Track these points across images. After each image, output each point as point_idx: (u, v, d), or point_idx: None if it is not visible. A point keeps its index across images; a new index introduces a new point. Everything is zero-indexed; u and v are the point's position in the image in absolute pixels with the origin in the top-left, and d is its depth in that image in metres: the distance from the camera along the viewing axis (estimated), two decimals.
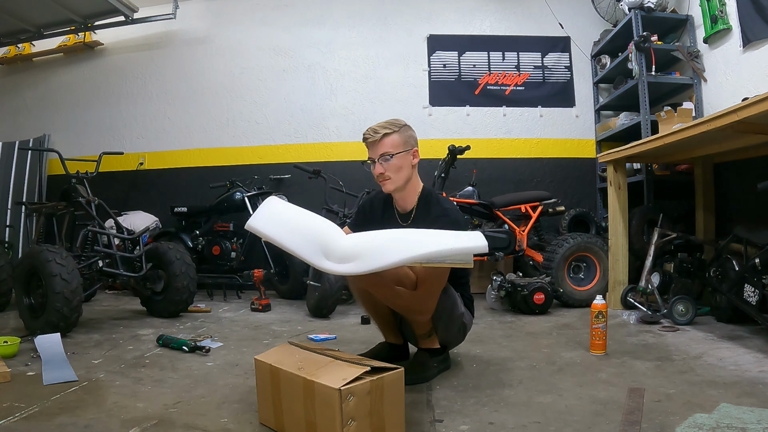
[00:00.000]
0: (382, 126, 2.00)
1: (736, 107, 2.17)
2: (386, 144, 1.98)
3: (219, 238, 4.51)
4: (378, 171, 2.00)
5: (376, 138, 1.98)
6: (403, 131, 2.02)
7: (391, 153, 1.98)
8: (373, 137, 1.98)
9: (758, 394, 1.75)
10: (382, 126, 2.00)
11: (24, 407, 1.70)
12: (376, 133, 1.98)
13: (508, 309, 3.57)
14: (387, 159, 1.98)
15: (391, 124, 2.01)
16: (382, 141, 1.97)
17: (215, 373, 2.14)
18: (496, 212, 3.82)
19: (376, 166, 2.00)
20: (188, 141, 5.15)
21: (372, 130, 2.00)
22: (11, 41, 5.13)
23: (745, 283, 2.68)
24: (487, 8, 5.07)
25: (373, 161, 2.01)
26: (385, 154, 1.98)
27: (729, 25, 3.53)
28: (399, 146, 1.99)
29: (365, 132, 2.01)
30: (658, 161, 3.95)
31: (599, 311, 2.32)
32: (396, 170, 1.99)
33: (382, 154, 1.98)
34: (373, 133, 1.99)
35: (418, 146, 2.07)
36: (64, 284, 2.64)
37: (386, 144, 1.98)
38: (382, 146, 1.98)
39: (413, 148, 2.04)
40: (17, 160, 5.18)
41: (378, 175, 2.01)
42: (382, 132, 1.98)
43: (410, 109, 4.94)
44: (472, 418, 1.61)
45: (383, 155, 1.98)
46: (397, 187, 2.03)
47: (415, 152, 2.04)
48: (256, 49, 5.13)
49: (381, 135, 1.97)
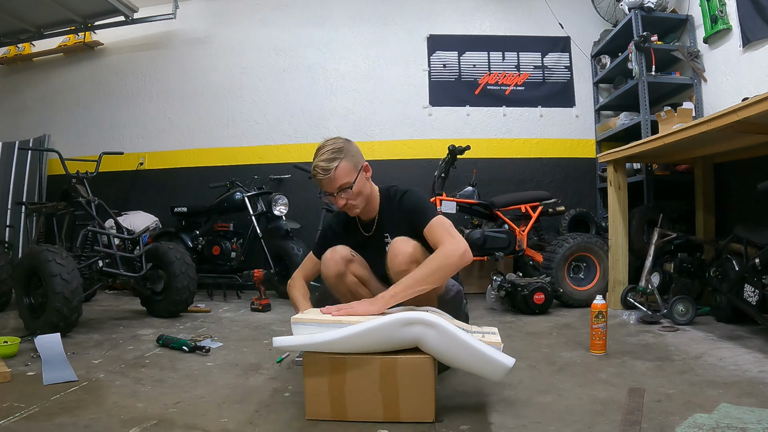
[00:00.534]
0: (327, 159, 1.86)
1: (736, 107, 2.17)
2: (340, 177, 1.86)
3: (219, 238, 4.51)
4: (341, 204, 1.91)
5: (329, 176, 1.86)
6: (347, 154, 1.89)
7: (349, 183, 1.88)
8: (325, 176, 1.86)
9: (758, 394, 1.75)
10: (327, 159, 1.86)
11: (24, 407, 1.70)
12: (327, 172, 1.85)
13: (508, 309, 3.57)
14: (347, 190, 1.88)
15: (334, 153, 1.87)
16: (335, 176, 1.86)
17: (215, 373, 2.14)
18: (496, 212, 3.82)
19: (338, 200, 1.90)
20: (188, 141, 5.15)
21: (321, 169, 1.86)
22: (11, 41, 5.14)
23: (745, 283, 2.68)
24: (487, 8, 5.07)
25: (331, 194, 1.91)
26: (342, 186, 1.87)
27: (729, 25, 3.53)
28: (352, 172, 1.89)
29: (313, 171, 1.89)
30: (658, 161, 3.95)
31: (599, 311, 2.32)
32: (357, 196, 1.91)
33: (339, 186, 1.87)
34: (323, 172, 1.86)
35: (363, 158, 1.98)
36: (64, 284, 2.64)
37: (340, 177, 1.86)
38: (336, 180, 1.87)
39: (363, 164, 1.94)
40: (17, 160, 5.18)
41: (342, 206, 1.93)
42: (332, 167, 1.85)
43: (410, 109, 4.94)
44: (472, 418, 1.61)
45: (341, 187, 1.88)
46: (362, 208, 1.96)
47: (365, 167, 1.96)
48: (256, 49, 5.13)
49: (332, 170, 1.85)
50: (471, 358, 1.56)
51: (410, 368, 1.54)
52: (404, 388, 1.53)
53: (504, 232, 3.73)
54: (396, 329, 1.53)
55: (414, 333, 1.53)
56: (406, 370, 1.54)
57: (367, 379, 1.54)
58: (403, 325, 1.52)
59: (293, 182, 4.78)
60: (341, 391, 1.55)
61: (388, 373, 1.54)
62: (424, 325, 1.52)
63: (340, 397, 1.55)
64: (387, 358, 1.54)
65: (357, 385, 1.54)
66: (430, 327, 1.52)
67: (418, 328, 1.52)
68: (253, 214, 4.32)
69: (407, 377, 1.54)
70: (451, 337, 1.53)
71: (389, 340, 1.54)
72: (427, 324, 1.52)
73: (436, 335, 1.52)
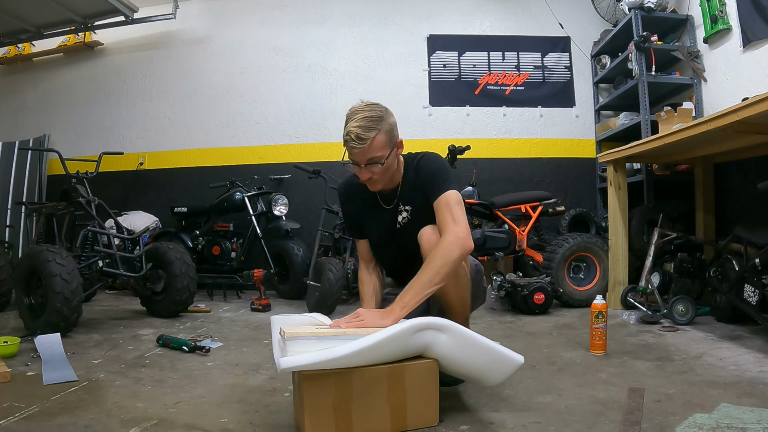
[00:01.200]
0: (364, 127, 1.67)
1: (736, 107, 2.17)
2: (374, 149, 1.69)
3: (219, 238, 4.51)
4: (365, 177, 1.75)
5: (363, 146, 1.68)
6: (385, 125, 1.72)
7: (382, 157, 1.72)
8: (360, 145, 1.68)
9: (758, 394, 1.75)
10: (364, 127, 1.67)
11: (24, 407, 1.70)
12: (363, 141, 1.67)
13: (508, 309, 3.57)
14: (377, 164, 1.72)
15: (373, 121, 1.69)
16: (370, 147, 1.69)
17: (215, 373, 2.14)
18: (496, 212, 3.82)
19: (363, 172, 1.74)
20: (188, 141, 5.15)
21: (356, 136, 1.67)
22: (11, 41, 5.13)
23: (745, 283, 2.68)
24: (487, 8, 5.07)
25: (357, 164, 1.74)
26: (374, 159, 1.71)
27: (729, 25, 3.53)
28: (386, 147, 1.72)
29: (347, 137, 1.69)
30: (658, 161, 3.95)
31: (599, 311, 2.32)
32: (385, 171, 1.76)
33: (370, 159, 1.71)
34: (358, 141, 1.67)
35: (398, 132, 1.81)
36: (64, 284, 2.64)
37: (374, 149, 1.69)
38: (369, 152, 1.70)
39: (398, 140, 1.79)
40: (17, 160, 5.18)
41: (365, 180, 1.77)
42: (369, 137, 1.67)
43: (410, 109, 4.94)
44: (472, 418, 1.61)
45: (372, 161, 1.71)
46: (384, 185, 1.82)
47: (400, 143, 1.80)
48: (256, 49, 5.13)
49: (368, 141, 1.68)
50: (483, 358, 1.55)
51: (418, 373, 1.52)
52: (412, 394, 1.51)
53: (504, 232, 3.73)
54: (409, 337, 1.49)
55: (424, 339, 1.50)
56: (414, 376, 1.51)
57: (374, 391, 1.49)
58: (416, 332, 1.49)
59: (293, 182, 4.78)
60: (347, 409, 1.46)
61: (397, 382, 1.50)
62: (436, 329, 1.50)
63: (346, 415, 1.46)
64: (395, 366, 1.50)
65: (364, 399, 1.47)
66: (441, 332, 1.50)
67: (429, 333, 1.50)
68: (253, 214, 4.32)
69: (415, 383, 1.51)
70: (463, 338, 1.51)
71: (401, 349, 1.50)
72: (438, 328, 1.50)
73: (447, 339, 1.50)
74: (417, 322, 1.49)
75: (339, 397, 1.45)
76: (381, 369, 1.49)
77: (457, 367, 1.60)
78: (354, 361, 1.46)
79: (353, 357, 1.44)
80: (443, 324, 1.51)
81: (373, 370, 1.48)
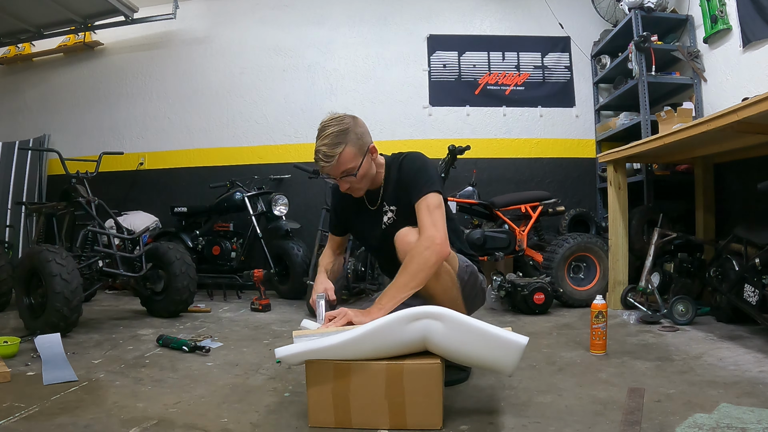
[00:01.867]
0: (329, 144, 1.71)
1: (736, 107, 2.17)
2: (343, 162, 1.73)
3: (219, 238, 4.51)
4: (345, 188, 1.81)
5: (331, 163, 1.72)
6: (352, 136, 1.74)
7: (354, 168, 1.75)
8: (328, 163, 1.72)
9: (758, 394, 1.75)
10: (329, 144, 1.71)
11: (24, 407, 1.70)
12: (329, 159, 1.71)
13: (508, 309, 3.57)
14: (350, 175, 1.76)
15: (338, 137, 1.71)
16: (339, 161, 1.72)
17: (215, 373, 2.14)
18: (496, 212, 3.82)
19: (341, 183, 1.79)
20: (188, 141, 5.15)
21: (323, 155, 1.71)
22: (11, 41, 5.13)
23: (745, 283, 2.68)
24: (487, 8, 5.07)
25: (333, 178, 1.79)
26: (347, 171, 1.75)
27: (729, 25, 3.53)
28: (357, 157, 1.75)
29: (316, 157, 1.74)
30: (658, 161, 3.95)
31: (599, 311, 2.32)
32: (362, 179, 1.80)
33: (342, 172, 1.75)
34: (326, 159, 1.71)
35: (370, 136, 1.83)
36: (64, 284, 2.64)
37: (343, 162, 1.73)
38: (340, 166, 1.73)
39: (369, 146, 1.80)
40: (17, 160, 5.18)
41: (345, 190, 1.83)
42: (335, 154, 1.70)
43: (410, 109, 4.94)
44: (472, 418, 1.61)
45: (345, 173, 1.75)
46: (366, 189, 1.88)
47: (372, 149, 1.81)
48: (256, 49, 5.13)
49: (335, 157, 1.71)
50: (482, 344, 1.51)
51: (417, 374, 1.50)
52: (411, 394, 1.49)
53: (504, 232, 3.73)
54: (402, 326, 1.48)
55: (420, 329, 1.48)
56: (413, 376, 1.49)
57: (372, 385, 1.50)
58: (409, 321, 1.47)
59: (293, 182, 4.78)
60: (345, 398, 1.51)
61: (395, 379, 1.50)
62: (431, 317, 1.47)
63: (345, 403, 1.51)
64: (393, 363, 1.50)
65: (362, 392, 1.50)
66: (436, 319, 1.47)
67: (424, 322, 1.47)
68: (253, 214, 4.32)
69: (414, 383, 1.49)
70: (459, 324, 1.48)
71: (396, 341, 1.50)
72: (433, 316, 1.48)
73: (443, 327, 1.47)
74: (410, 311, 1.48)
75: (338, 386, 1.51)
76: (379, 364, 1.50)
77: (460, 356, 1.57)
78: (348, 351, 1.50)
79: (346, 347, 1.49)
80: (437, 312, 1.48)
81: (372, 364, 1.50)
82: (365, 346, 1.49)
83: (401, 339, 1.50)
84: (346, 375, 1.50)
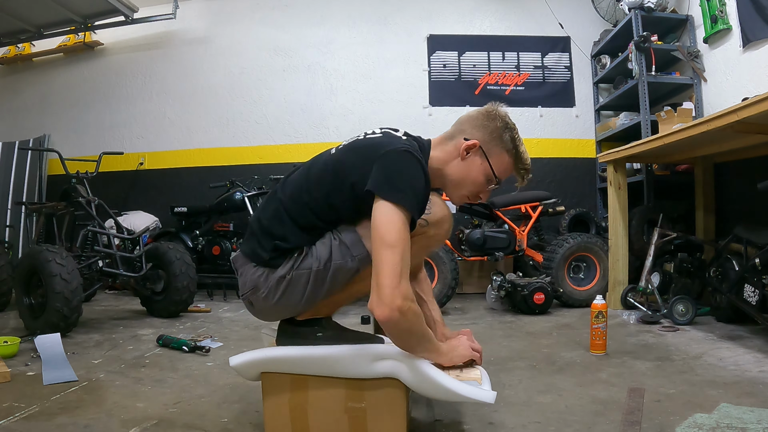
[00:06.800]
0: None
1: (736, 107, 2.17)
2: None
3: (219, 238, 4.51)
4: (487, 197, 1.60)
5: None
6: None
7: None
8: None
9: (758, 394, 1.75)
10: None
11: (24, 407, 1.70)
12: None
13: (508, 309, 3.57)
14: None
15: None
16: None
17: (215, 373, 2.14)
18: (496, 212, 3.82)
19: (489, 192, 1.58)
20: (188, 141, 5.15)
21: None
22: (11, 41, 5.14)
23: (745, 283, 2.68)
24: (487, 8, 5.07)
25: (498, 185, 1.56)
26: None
27: (729, 25, 3.53)
28: None
29: (527, 167, 1.61)
30: (658, 161, 3.95)
31: (599, 311, 2.32)
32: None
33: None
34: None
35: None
36: (64, 284, 2.64)
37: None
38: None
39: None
40: (17, 160, 5.18)
41: (479, 200, 1.60)
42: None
43: (410, 109, 4.94)
44: (472, 417, 1.61)
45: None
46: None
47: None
48: (256, 49, 5.13)
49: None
50: (448, 397, 1.35)
51: (379, 385, 1.36)
52: (373, 407, 1.37)
53: (504, 232, 3.73)
54: (366, 363, 1.34)
55: (387, 368, 1.34)
56: (375, 388, 1.36)
57: (331, 398, 1.38)
58: (374, 360, 1.34)
59: None
60: (303, 411, 1.40)
61: (355, 392, 1.38)
62: (398, 360, 1.33)
63: (303, 417, 1.40)
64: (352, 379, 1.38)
65: (320, 405, 1.39)
66: (403, 363, 1.33)
67: (390, 363, 1.34)
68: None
69: (376, 396, 1.36)
70: (423, 377, 1.31)
71: (360, 374, 1.36)
72: (400, 360, 1.33)
73: (411, 373, 1.32)
74: (375, 349, 1.34)
75: (295, 398, 1.40)
76: (339, 378, 1.38)
77: (433, 396, 1.44)
78: (301, 367, 1.38)
79: (295, 361, 1.37)
80: (404, 356, 1.32)
81: (330, 378, 1.39)
82: (325, 367, 1.37)
83: (368, 374, 1.36)
84: (304, 387, 1.40)
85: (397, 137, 1.46)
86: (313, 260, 1.36)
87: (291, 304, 1.39)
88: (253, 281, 1.42)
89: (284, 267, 1.37)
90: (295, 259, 1.37)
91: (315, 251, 1.37)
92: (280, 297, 1.38)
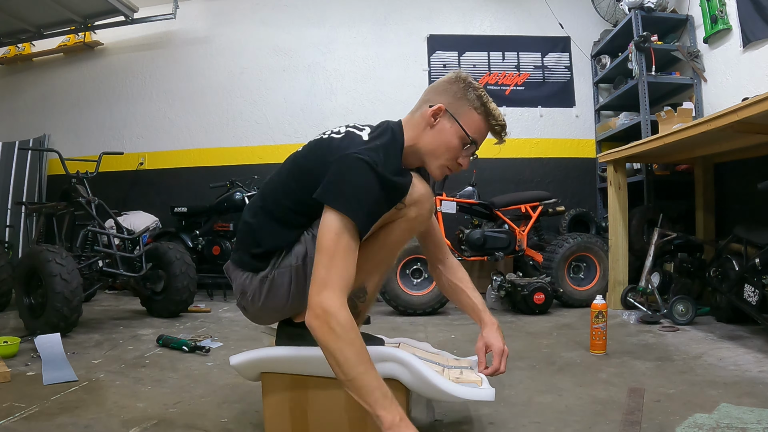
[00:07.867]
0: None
1: (736, 107, 2.17)
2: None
3: (219, 238, 4.50)
4: (467, 164, 1.49)
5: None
6: None
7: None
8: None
9: (758, 394, 1.75)
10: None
11: (24, 407, 1.70)
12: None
13: (508, 309, 3.57)
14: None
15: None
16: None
17: (215, 373, 2.14)
18: (496, 212, 3.82)
19: (467, 159, 1.48)
20: (188, 141, 5.15)
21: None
22: (11, 41, 5.13)
23: (745, 283, 2.68)
24: (487, 8, 5.07)
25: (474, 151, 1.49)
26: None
27: (729, 25, 3.53)
28: None
29: (502, 125, 1.47)
30: (658, 161, 3.95)
31: (599, 311, 2.32)
32: None
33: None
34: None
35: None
36: (64, 284, 2.63)
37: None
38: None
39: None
40: (17, 160, 5.18)
41: (459, 168, 1.50)
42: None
43: (410, 109, 4.93)
44: (472, 417, 1.61)
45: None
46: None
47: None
48: (256, 49, 5.13)
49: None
50: (448, 398, 1.37)
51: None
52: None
53: (504, 232, 3.73)
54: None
55: (386, 370, 1.33)
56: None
57: (331, 398, 1.37)
58: (374, 361, 1.28)
59: None
60: (303, 411, 1.40)
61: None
62: (397, 362, 1.33)
63: (302, 417, 1.40)
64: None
65: (320, 405, 1.39)
66: (402, 365, 1.33)
67: (389, 365, 1.34)
68: None
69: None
70: (423, 380, 1.31)
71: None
72: (399, 362, 1.33)
73: (410, 375, 1.33)
74: (372, 350, 1.28)
75: (295, 398, 1.40)
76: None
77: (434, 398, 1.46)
78: (300, 367, 1.38)
79: (295, 362, 1.36)
80: (403, 359, 1.33)
81: (330, 378, 1.34)
82: (316, 366, 1.34)
83: None
84: (304, 387, 1.40)
85: (358, 139, 1.37)
86: (292, 258, 1.37)
87: (278, 304, 1.40)
88: (241, 286, 1.43)
89: (267, 268, 1.39)
90: (276, 259, 1.38)
91: (294, 249, 1.37)
92: (266, 297, 1.39)
